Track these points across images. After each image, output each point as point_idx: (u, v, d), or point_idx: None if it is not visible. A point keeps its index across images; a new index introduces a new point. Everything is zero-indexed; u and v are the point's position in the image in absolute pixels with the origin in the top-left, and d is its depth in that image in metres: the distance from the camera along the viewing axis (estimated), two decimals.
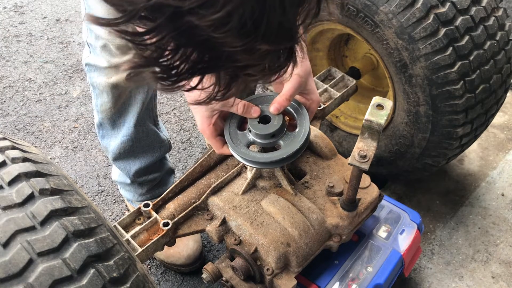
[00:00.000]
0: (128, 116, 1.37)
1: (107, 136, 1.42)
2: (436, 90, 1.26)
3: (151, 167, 1.50)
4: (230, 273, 1.11)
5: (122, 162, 1.47)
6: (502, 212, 1.66)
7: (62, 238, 0.62)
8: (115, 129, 1.40)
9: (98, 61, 1.25)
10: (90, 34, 1.22)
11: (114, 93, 1.30)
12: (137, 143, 1.42)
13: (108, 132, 1.41)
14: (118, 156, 1.45)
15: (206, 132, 1.01)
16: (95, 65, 1.26)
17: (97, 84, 1.29)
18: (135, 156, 1.46)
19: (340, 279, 1.16)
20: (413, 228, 1.28)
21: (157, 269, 1.56)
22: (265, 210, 1.09)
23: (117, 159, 1.46)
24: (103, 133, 1.42)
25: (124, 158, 1.46)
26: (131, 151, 1.43)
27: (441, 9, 1.20)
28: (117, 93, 1.30)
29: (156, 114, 1.49)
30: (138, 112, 1.36)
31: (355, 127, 1.70)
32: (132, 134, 1.39)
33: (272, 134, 0.96)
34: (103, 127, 1.40)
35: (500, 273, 1.49)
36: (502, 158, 1.85)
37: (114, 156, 1.45)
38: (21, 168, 0.67)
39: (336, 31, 1.54)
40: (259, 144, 0.98)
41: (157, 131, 1.48)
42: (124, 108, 1.35)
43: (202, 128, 1.01)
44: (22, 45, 2.54)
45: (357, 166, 0.93)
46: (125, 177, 1.52)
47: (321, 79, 1.47)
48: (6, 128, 2.07)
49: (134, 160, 1.47)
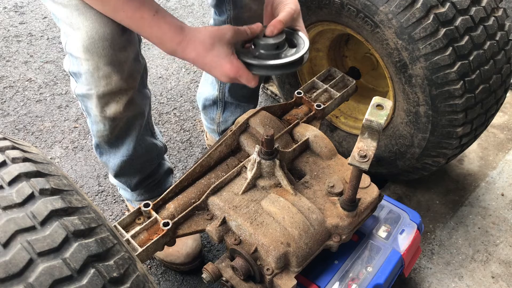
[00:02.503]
0: (127, 139, 1.34)
1: (106, 154, 1.40)
2: (436, 90, 1.26)
3: (150, 174, 1.50)
4: (230, 273, 1.11)
5: (123, 178, 1.47)
6: (502, 212, 1.66)
7: (62, 238, 0.62)
8: (113, 149, 1.37)
9: (87, 90, 1.18)
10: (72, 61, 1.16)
11: (111, 124, 1.26)
12: (137, 160, 1.41)
13: (106, 151, 1.39)
14: (119, 174, 1.44)
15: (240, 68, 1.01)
16: (85, 95, 1.20)
17: (93, 115, 1.25)
18: (135, 171, 1.45)
19: (340, 279, 1.16)
20: (413, 228, 1.28)
21: (157, 269, 1.56)
22: (265, 210, 1.09)
23: (118, 176, 1.46)
24: (101, 151, 1.40)
25: (124, 175, 1.45)
26: (131, 167, 1.42)
27: (441, 9, 1.20)
28: (114, 124, 1.26)
29: (152, 124, 1.47)
30: (136, 135, 1.34)
31: (355, 127, 1.70)
32: (132, 154, 1.37)
33: (277, 45, 1.04)
34: (101, 147, 1.37)
35: (500, 273, 1.50)
36: (502, 158, 1.85)
37: (114, 173, 1.45)
38: (21, 168, 0.67)
39: (336, 31, 1.54)
40: (266, 57, 1.05)
41: (154, 142, 1.47)
42: (122, 134, 1.32)
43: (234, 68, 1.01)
44: (22, 45, 2.54)
45: (357, 166, 0.94)
46: (125, 186, 1.52)
47: (321, 79, 1.47)
48: (6, 128, 2.07)
49: (134, 174, 1.46)
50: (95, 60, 1.11)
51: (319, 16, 1.44)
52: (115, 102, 1.20)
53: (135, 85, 1.22)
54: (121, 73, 1.15)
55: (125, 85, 1.18)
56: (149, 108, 1.39)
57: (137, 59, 1.21)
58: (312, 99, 1.39)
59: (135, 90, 1.23)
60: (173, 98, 2.22)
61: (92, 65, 1.12)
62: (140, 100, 1.29)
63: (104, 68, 1.13)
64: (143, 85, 1.32)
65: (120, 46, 1.11)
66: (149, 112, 1.41)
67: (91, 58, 1.11)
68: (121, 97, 1.20)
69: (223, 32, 1.00)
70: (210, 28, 1.00)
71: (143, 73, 1.28)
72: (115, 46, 1.10)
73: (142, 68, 1.26)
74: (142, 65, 1.26)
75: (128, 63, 1.16)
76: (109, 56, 1.11)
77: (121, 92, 1.19)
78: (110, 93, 1.18)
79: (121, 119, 1.26)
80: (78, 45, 1.10)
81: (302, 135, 1.24)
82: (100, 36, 1.08)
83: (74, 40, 1.10)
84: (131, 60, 1.17)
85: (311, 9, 1.43)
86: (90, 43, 1.08)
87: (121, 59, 1.13)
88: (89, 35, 1.08)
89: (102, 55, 1.10)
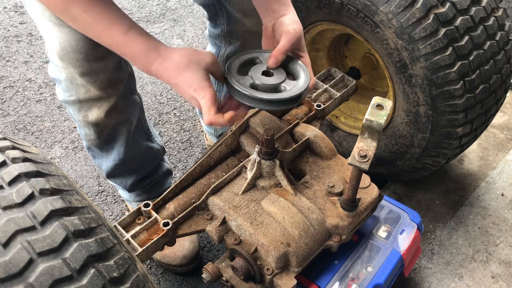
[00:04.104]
0: (117, 144, 1.33)
1: (98, 157, 1.39)
2: (436, 90, 1.26)
3: (147, 175, 1.50)
4: (230, 273, 1.11)
5: (117, 179, 1.46)
6: (502, 212, 1.66)
7: (62, 238, 0.62)
8: (104, 153, 1.37)
9: (68, 96, 1.19)
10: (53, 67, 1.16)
11: (96, 129, 1.26)
12: (130, 162, 1.40)
13: (98, 154, 1.38)
14: (112, 175, 1.44)
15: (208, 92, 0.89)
16: (66, 101, 1.21)
17: (77, 120, 1.25)
18: (129, 173, 1.44)
19: (340, 279, 1.16)
20: (413, 228, 1.28)
21: (157, 269, 1.56)
22: (265, 210, 1.09)
23: (111, 177, 1.45)
24: (93, 154, 1.39)
25: (118, 176, 1.45)
26: (125, 169, 1.42)
27: (441, 9, 1.20)
28: (98, 129, 1.26)
29: (148, 126, 1.46)
30: (126, 141, 1.33)
31: (355, 127, 1.70)
32: (124, 158, 1.36)
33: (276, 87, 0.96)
34: (92, 150, 1.37)
35: (500, 273, 1.50)
36: (502, 158, 1.85)
37: (107, 175, 1.44)
38: (21, 168, 0.67)
39: (336, 31, 1.54)
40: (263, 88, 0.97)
41: (150, 145, 1.46)
42: (110, 139, 1.32)
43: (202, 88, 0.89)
44: (22, 45, 2.54)
45: (357, 166, 0.93)
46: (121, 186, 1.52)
47: (321, 79, 1.47)
48: (6, 128, 2.07)
49: (129, 175, 1.45)
50: (70, 70, 1.11)
51: (319, 16, 1.44)
52: (97, 108, 1.20)
53: (116, 93, 1.21)
54: (98, 83, 1.14)
55: (104, 94, 1.18)
56: (140, 113, 1.37)
57: (119, 67, 1.19)
58: (312, 99, 1.39)
59: (118, 97, 1.22)
60: (173, 98, 2.22)
61: (69, 74, 1.13)
62: (126, 107, 1.27)
63: (79, 79, 1.13)
64: (130, 91, 1.30)
65: (96, 57, 1.10)
66: (142, 116, 1.39)
67: (66, 67, 1.11)
68: (102, 103, 1.19)
69: (201, 57, 0.91)
70: (189, 50, 0.92)
71: (129, 80, 1.26)
72: (89, 58, 1.09)
73: (125, 75, 1.23)
74: (126, 72, 1.23)
75: (106, 73, 1.15)
76: (83, 67, 1.10)
77: (102, 99, 1.19)
78: (90, 100, 1.18)
79: (105, 125, 1.25)
80: (54, 54, 1.10)
81: (302, 135, 1.24)
82: (73, 49, 1.07)
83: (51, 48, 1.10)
84: (110, 69, 1.15)
85: (311, 9, 1.43)
86: (64, 54, 1.08)
87: (98, 70, 1.12)
88: (62, 47, 1.07)
89: (76, 66, 1.10)
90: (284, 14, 1.00)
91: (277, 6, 1.00)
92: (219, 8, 1.41)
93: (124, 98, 1.25)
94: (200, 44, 2.57)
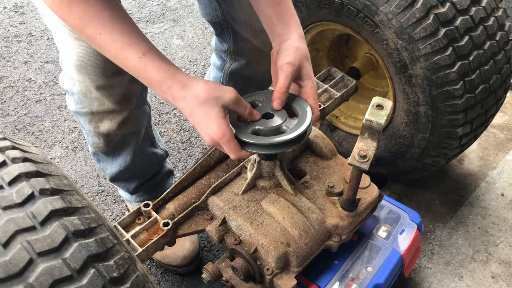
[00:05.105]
0: (124, 152, 1.33)
1: (103, 162, 1.39)
2: (436, 90, 1.26)
3: (149, 178, 1.50)
4: (230, 273, 1.11)
5: (121, 182, 1.47)
6: (502, 212, 1.66)
7: (62, 238, 0.62)
8: (110, 158, 1.37)
9: (80, 108, 1.19)
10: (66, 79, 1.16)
11: (106, 139, 1.26)
12: (135, 168, 1.40)
13: (103, 160, 1.38)
14: (115, 179, 1.44)
15: (226, 136, 0.88)
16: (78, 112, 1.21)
17: (87, 129, 1.25)
18: (134, 177, 1.45)
19: (340, 279, 1.16)
20: (413, 228, 1.28)
21: (157, 269, 1.56)
22: (265, 210, 1.09)
23: (114, 181, 1.46)
24: (98, 158, 1.39)
25: (122, 180, 1.45)
26: (129, 175, 1.42)
27: (441, 9, 1.20)
28: (108, 139, 1.26)
29: (152, 133, 1.45)
30: (133, 149, 1.33)
31: (355, 127, 1.70)
32: (129, 164, 1.36)
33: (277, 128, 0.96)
34: (98, 155, 1.37)
35: (500, 273, 1.50)
36: (502, 158, 1.85)
37: (111, 179, 1.44)
38: (21, 168, 0.67)
39: (336, 31, 1.54)
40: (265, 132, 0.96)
41: (155, 151, 1.45)
42: (118, 148, 1.32)
43: (220, 133, 0.88)
44: (22, 45, 2.54)
45: (357, 166, 0.93)
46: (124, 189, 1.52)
47: (321, 79, 1.47)
48: (6, 128, 2.07)
49: (133, 180, 1.46)
50: (87, 83, 1.11)
51: (319, 16, 1.44)
52: (109, 120, 1.20)
53: (130, 106, 1.21)
54: (114, 96, 1.14)
55: (118, 107, 1.18)
56: (147, 122, 1.37)
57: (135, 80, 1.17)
58: None
59: (131, 110, 1.22)
60: None
61: (84, 87, 1.12)
62: (137, 118, 1.28)
63: (95, 92, 1.13)
64: (142, 102, 1.29)
65: (113, 72, 1.10)
66: (149, 124, 1.39)
67: (83, 80, 1.11)
68: (115, 116, 1.19)
69: (222, 93, 0.88)
70: (210, 84, 0.88)
71: (142, 91, 1.26)
72: (107, 72, 1.09)
73: (140, 88, 1.23)
74: (140, 85, 1.22)
75: (122, 87, 1.14)
76: (100, 81, 1.10)
77: (115, 112, 1.18)
78: (103, 113, 1.18)
79: (115, 135, 1.25)
80: (71, 67, 1.09)
81: None
82: (92, 63, 1.07)
83: (67, 61, 1.10)
84: (126, 82, 1.15)
85: (311, 9, 1.43)
86: (82, 68, 1.07)
87: (114, 84, 1.12)
88: (80, 61, 1.07)
89: (93, 80, 1.09)
90: (287, 38, 0.97)
91: (281, 29, 0.97)
92: (226, 27, 1.39)
93: (136, 108, 1.25)
94: (200, 44, 2.57)
